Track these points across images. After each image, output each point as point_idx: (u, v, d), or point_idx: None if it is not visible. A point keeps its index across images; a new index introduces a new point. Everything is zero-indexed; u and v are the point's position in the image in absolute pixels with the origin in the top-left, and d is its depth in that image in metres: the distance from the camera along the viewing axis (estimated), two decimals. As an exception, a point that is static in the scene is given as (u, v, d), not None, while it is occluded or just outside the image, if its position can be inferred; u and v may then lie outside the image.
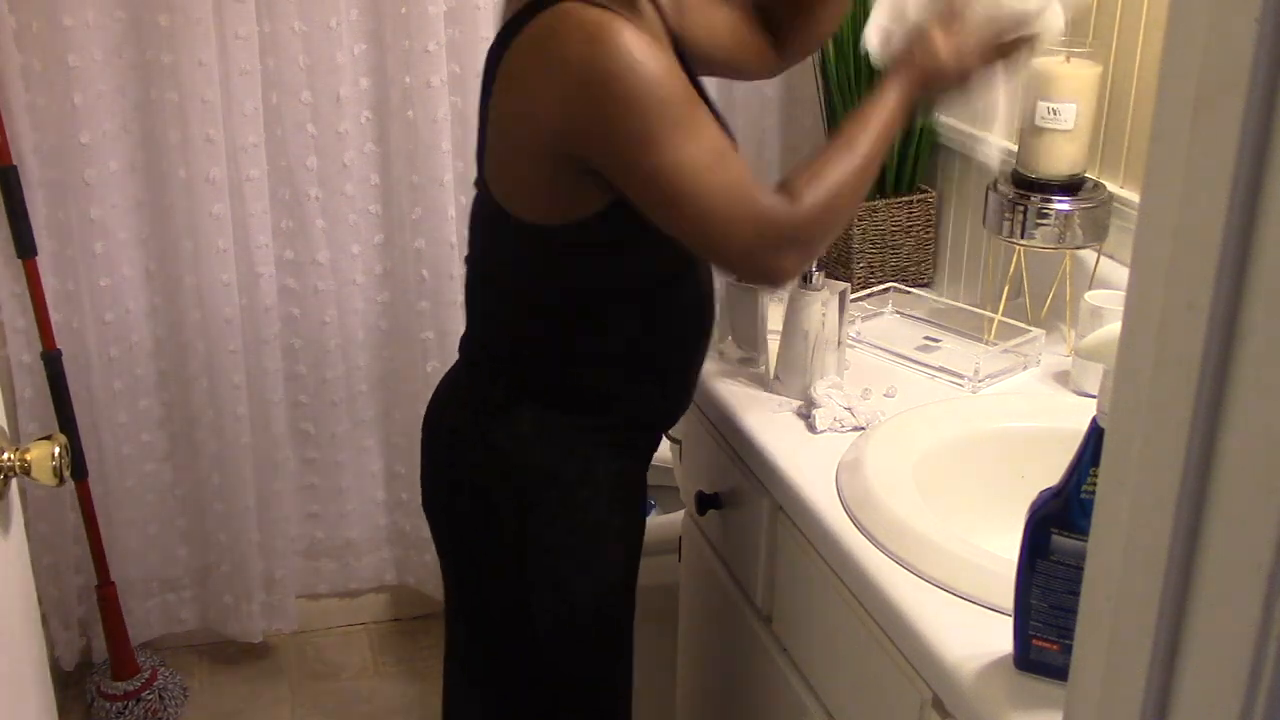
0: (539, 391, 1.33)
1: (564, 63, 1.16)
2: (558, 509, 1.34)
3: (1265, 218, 0.50)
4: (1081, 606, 0.65)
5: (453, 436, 1.38)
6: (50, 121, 2.05)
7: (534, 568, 1.35)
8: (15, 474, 1.16)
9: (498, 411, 1.34)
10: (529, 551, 1.34)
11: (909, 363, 1.60)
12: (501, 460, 1.34)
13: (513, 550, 1.35)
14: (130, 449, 2.28)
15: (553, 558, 1.35)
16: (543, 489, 1.34)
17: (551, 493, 1.34)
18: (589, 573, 1.38)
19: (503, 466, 1.34)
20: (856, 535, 1.22)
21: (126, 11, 2.04)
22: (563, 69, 1.16)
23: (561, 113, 1.17)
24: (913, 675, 1.11)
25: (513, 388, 1.34)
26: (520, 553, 1.35)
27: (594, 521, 1.36)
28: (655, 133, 1.16)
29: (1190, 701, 0.57)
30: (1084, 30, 1.68)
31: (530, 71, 1.19)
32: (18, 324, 2.13)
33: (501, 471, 1.34)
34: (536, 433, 1.33)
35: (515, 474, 1.33)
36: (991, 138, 1.50)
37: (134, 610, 2.36)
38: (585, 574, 1.37)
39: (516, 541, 1.34)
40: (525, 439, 1.33)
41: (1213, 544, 0.54)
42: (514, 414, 1.33)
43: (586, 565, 1.37)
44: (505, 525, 1.35)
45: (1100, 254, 1.62)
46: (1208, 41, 0.51)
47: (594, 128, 1.17)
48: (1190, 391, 0.53)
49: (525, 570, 1.35)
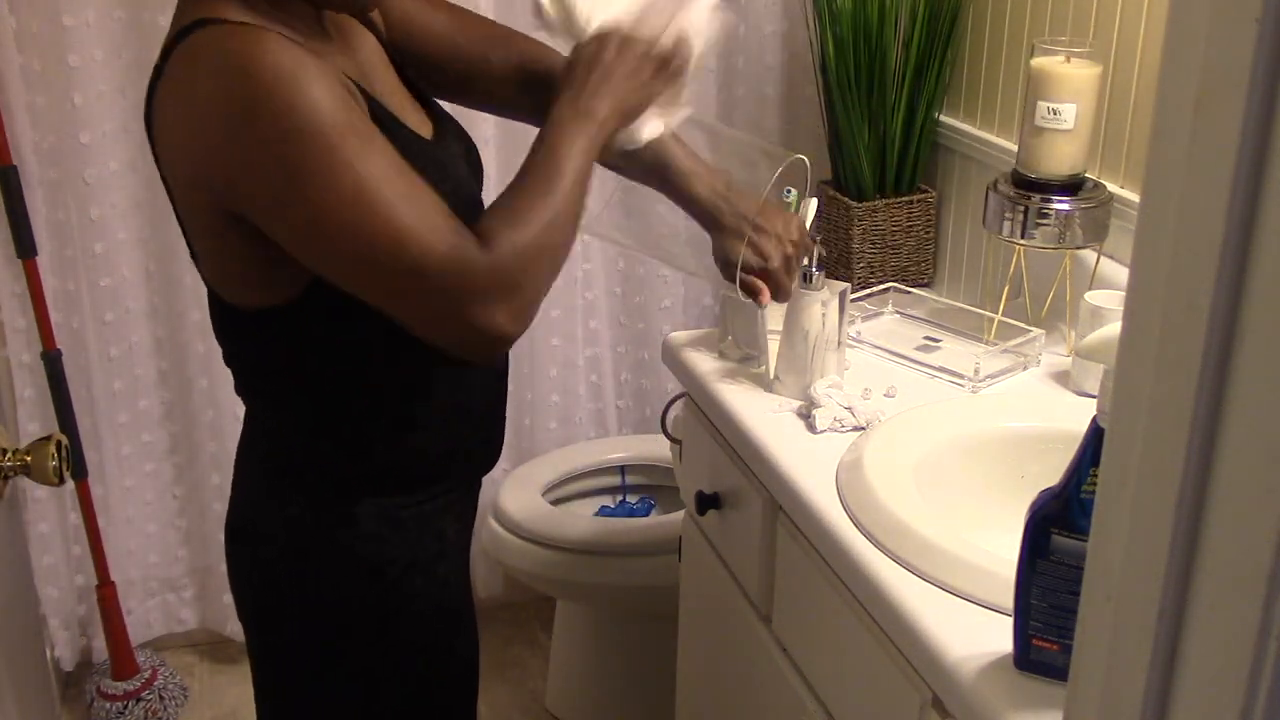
0: (372, 482, 1.19)
1: (196, 99, 0.98)
2: (425, 596, 1.23)
3: (1265, 218, 0.50)
4: (1081, 606, 0.65)
5: (290, 560, 1.20)
6: (50, 121, 2.05)
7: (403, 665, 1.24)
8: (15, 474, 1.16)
9: (339, 519, 1.18)
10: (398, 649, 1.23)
11: (909, 363, 1.60)
12: (356, 568, 1.19)
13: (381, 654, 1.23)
14: (130, 449, 2.28)
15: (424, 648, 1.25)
16: (408, 580, 1.21)
17: (416, 581, 1.22)
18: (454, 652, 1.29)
19: (359, 573, 1.19)
20: (856, 535, 1.22)
21: (126, 11, 2.04)
22: (198, 105, 0.98)
23: (205, 158, 0.99)
24: (913, 675, 1.11)
25: (347, 487, 1.18)
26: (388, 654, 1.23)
27: (458, 593, 1.28)
28: (306, 164, 0.96)
29: (1190, 701, 0.57)
30: (1084, 30, 1.69)
31: (173, 120, 1.02)
32: (18, 324, 2.13)
33: (358, 579, 1.20)
34: (385, 526, 1.19)
35: (375, 576, 1.20)
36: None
37: (134, 610, 2.36)
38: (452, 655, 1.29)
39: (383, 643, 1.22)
40: (376, 536, 1.19)
41: (1213, 544, 0.54)
42: (356, 514, 1.18)
43: (453, 647, 1.29)
44: (369, 631, 1.21)
45: (1100, 254, 1.62)
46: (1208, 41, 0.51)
47: (234, 166, 0.98)
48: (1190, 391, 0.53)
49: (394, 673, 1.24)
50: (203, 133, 0.98)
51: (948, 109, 2.05)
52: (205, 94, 0.97)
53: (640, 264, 2.38)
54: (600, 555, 2.09)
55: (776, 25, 2.27)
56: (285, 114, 0.95)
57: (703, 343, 1.66)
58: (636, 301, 2.42)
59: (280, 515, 1.20)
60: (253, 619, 1.27)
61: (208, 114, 0.97)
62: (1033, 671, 1.00)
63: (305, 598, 1.21)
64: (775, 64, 2.29)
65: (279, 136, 0.95)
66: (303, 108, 0.95)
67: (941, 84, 2.01)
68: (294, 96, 0.95)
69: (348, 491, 1.19)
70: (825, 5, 1.98)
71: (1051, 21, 1.76)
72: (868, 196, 2.03)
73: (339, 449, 1.18)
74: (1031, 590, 0.97)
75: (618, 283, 2.41)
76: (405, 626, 1.23)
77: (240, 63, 0.96)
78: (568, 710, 2.30)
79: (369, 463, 1.19)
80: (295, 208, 0.98)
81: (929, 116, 2.02)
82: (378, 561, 1.20)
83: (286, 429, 1.20)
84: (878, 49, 1.97)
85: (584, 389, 2.46)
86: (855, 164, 2.02)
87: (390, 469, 1.20)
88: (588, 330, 2.42)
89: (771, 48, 2.28)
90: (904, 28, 2.02)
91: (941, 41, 1.97)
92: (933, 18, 1.97)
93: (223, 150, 0.98)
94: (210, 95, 0.97)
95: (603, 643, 2.25)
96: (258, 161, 0.97)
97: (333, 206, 0.97)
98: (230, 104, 0.96)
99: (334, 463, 1.19)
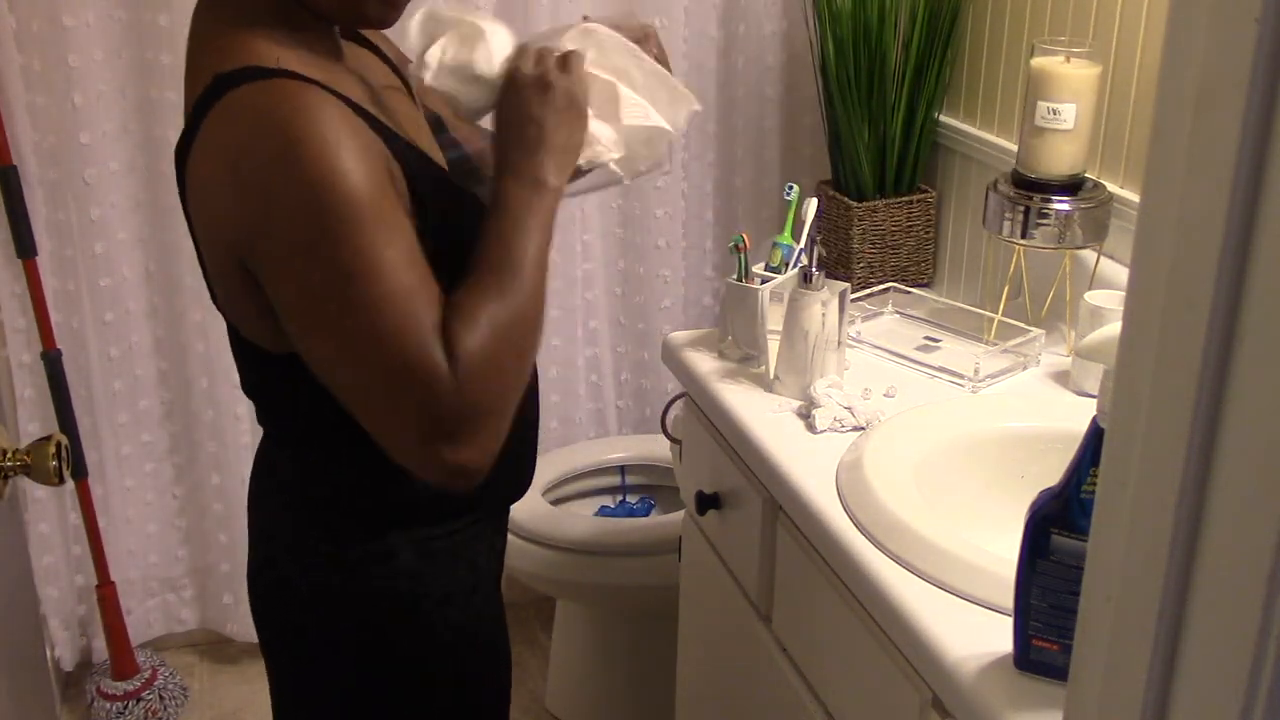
0: (402, 516, 1.16)
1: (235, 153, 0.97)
2: (459, 628, 1.21)
3: (1265, 218, 0.50)
4: (1081, 606, 0.65)
5: (321, 596, 1.17)
6: (50, 121, 2.05)
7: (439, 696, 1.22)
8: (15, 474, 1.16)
9: (371, 556, 1.16)
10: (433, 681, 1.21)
11: (909, 363, 1.60)
12: (390, 602, 1.17)
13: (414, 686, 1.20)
14: (130, 449, 2.28)
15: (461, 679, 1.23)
16: (442, 613, 1.19)
17: (451, 614, 1.19)
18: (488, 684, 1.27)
19: (393, 608, 1.17)
20: (856, 535, 1.22)
21: (126, 11, 2.04)
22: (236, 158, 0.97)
23: (234, 208, 0.98)
24: (913, 675, 1.11)
25: (374, 522, 1.15)
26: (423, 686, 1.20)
27: (492, 623, 1.26)
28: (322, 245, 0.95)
29: (1190, 701, 0.57)
30: (1084, 30, 1.68)
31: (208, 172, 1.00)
32: (18, 324, 2.13)
33: (393, 613, 1.17)
34: (417, 558, 1.17)
35: (409, 611, 1.17)
36: None
37: (134, 610, 2.36)
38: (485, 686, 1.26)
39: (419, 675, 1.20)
40: (408, 570, 1.16)
41: (1213, 544, 0.54)
42: (389, 549, 1.16)
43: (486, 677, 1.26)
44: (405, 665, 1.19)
45: (1100, 254, 1.62)
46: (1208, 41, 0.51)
47: (258, 221, 0.97)
48: (1190, 391, 0.53)
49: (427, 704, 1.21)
50: (235, 185, 0.97)
51: (948, 109, 2.05)
52: (244, 149, 0.96)
53: (640, 264, 2.38)
54: (600, 555, 2.09)
55: (776, 25, 2.27)
56: (320, 189, 0.94)
57: (703, 343, 1.66)
58: (636, 301, 2.42)
59: (308, 555, 1.17)
60: (282, 661, 1.24)
61: (245, 169, 0.96)
62: (1033, 671, 1.00)
63: (338, 637, 1.18)
64: (775, 64, 2.29)
65: (306, 211, 0.95)
66: (338, 188, 0.94)
67: (941, 84, 2.01)
68: (333, 176, 0.94)
69: (377, 525, 1.15)
70: (825, 5, 1.98)
71: (1051, 21, 1.76)
72: (868, 196, 2.03)
73: (366, 480, 1.14)
74: (1031, 590, 0.97)
75: (618, 283, 2.41)
76: (440, 660, 1.20)
77: (286, 129, 0.95)
78: (568, 710, 2.30)
79: (398, 494, 1.14)
80: (297, 282, 0.97)
81: (929, 116, 2.02)
82: (412, 596, 1.17)
83: (310, 462, 1.16)
84: (878, 49, 1.97)
85: (584, 389, 2.46)
86: (855, 164, 2.02)
87: (420, 500, 1.15)
88: (587, 330, 2.42)
89: (771, 48, 2.28)
90: (904, 28, 2.02)
91: (941, 41, 1.97)
92: (933, 18, 1.97)
93: (250, 206, 0.97)
94: (249, 152, 0.96)
95: (603, 643, 2.25)
96: (280, 226, 0.96)
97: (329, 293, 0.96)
98: (270, 166, 0.95)
99: (362, 495, 1.15)
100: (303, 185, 0.94)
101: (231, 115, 0.97)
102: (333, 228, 0.95)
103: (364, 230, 0.95)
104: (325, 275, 0.96)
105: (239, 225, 0.98)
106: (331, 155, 0.94)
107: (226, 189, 0.98)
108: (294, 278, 0.97)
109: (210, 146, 0.99)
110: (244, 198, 0.97)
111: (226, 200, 0.98)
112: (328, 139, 0.94)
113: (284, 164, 0.94)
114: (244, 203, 0.97)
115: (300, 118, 0.95)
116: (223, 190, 0.98)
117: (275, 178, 0.95)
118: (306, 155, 0.94)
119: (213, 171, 0.99)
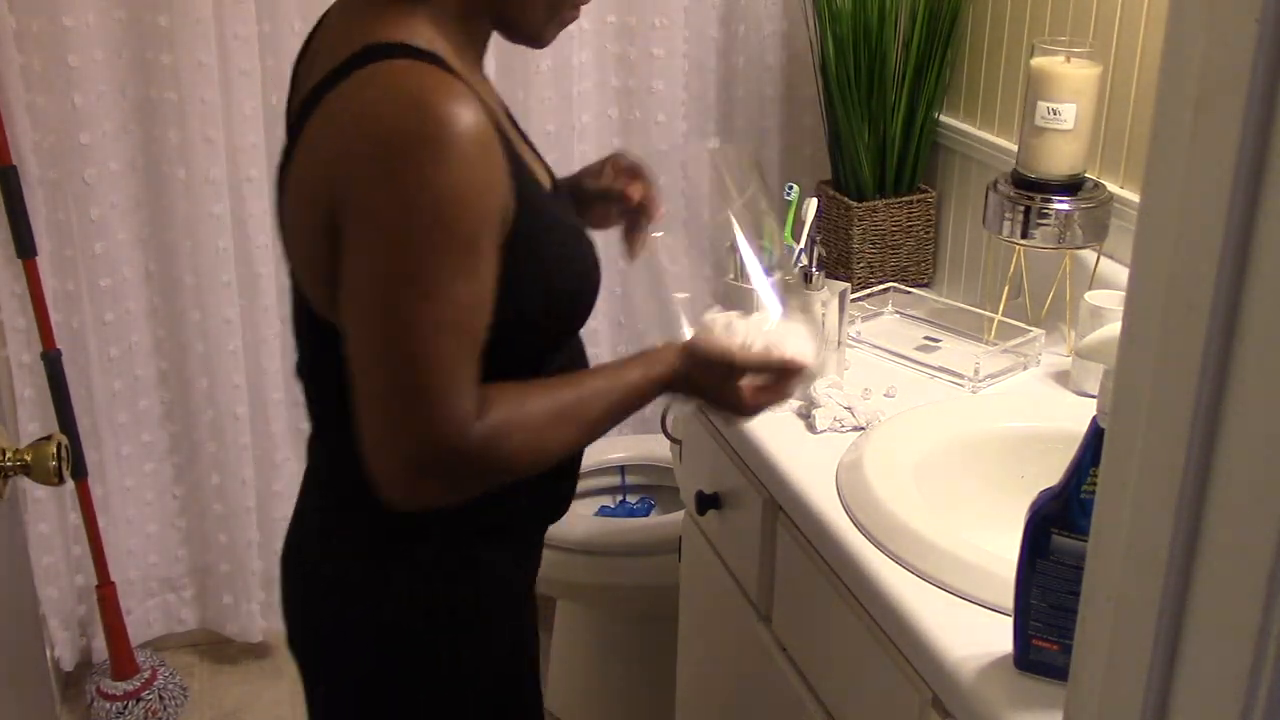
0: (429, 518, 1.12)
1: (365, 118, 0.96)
2: (478, 635, 1.19)
3: (1265, 218, 0.50)
4: (1081, 606, 0.65)
5: (340, 588, 1.17)
6: (50, 121, 2.05)
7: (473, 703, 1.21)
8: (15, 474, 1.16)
9: (392, 553, 1.15)
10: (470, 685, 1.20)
11: (909, 363, 1.60)
12: (410, 603, 1.15)
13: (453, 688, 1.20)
14: (130, 449, 2.28)
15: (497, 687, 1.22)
16: (465, 621, 1.18)
17: (475, 622, 1.18)
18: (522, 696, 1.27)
19: (413, 609, 1.16)
20: (856, 535, 1.22)
21: (126, 11, 2.04)
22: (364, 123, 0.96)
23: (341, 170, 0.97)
24: (913, 675, 1.11)
25: (402, 521, 1.11)
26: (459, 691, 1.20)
27: (512, 643, 1.24)
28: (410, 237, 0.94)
29: (1190, 701, 0.57)
30: (1084, 30, 1.68)
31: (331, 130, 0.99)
32: (18, 324, 2.13)
33: (412, 615, 1.16)
34: (448, 562, 1.16)
35: (429, 614, 1.16)
36: None
37: (134, 610, 2.36)
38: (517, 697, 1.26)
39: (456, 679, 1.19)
40: (436, 576, 1.15)
41: (1213, 544, 0.54)
42: (414, 548, 1.15)
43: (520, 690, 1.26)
44: (416, 665, 1.18)
45: (1100, 254, 1.62)
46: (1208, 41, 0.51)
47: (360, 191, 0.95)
48: (1190, 391, 0.53)
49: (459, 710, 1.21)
50: (357, 141, 0.95)
51: (948, 109, 2.05)
52: (378, 116, 0.95)
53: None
54: (600, 555, 2.09)
55: (776, 25, 2.27)
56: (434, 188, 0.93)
57: (703, 343, 1.65)
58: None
59: (334, 544, 1.17)
60: (300, 646, 1.25)
61: (372, 134, 0.95)
62: (1033, 671, 1.00)
63: (350, 632, 1.18)
64: (775, 64, 2.29)
65: (414, 200, 0.93)
66: (451, 197, 0.94)
67: (941, 84, 2.01)
68: (453, 184, 0.93)
69: (409, 530, 1.13)
70: (825, 5, 1.98)
71: (1051, 21, 1.76)
72: (868, 196, 2.03)
73: None
74: (1031, 590, 0.97)
75: (618, 283, 2.41)
76: (459, 673, 1.19)
77: (426, 114, 0.93)
78: (568, 710, 2.30)
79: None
80: (369, 264, 0.96)
81: (929, 116, 2.02)
82: (432, 605, 1.16)
83: (348, 454, 1.11)
84: (878, 49, 1.97)
85: (584, 389, 2.46)
86: (855, 164, 2.02)
87: (457, 512, 1.11)
88: (588, 330, 2.42)
89: (771, 48, 2.28)
90: (904, 28, 2.02)
91: (941, 41, 1.97)
92: (933, 18, 1.97)
93: (363, 168, 0.95)
94: (382, 120, 0.94)
95: (603, 643, 2.25)
96: (383, 201, 0.94)
97: (394, 288, 0.95)
98: (399, 142, 0.93)
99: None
100: (421, 175, 0.93)
101: (375, 82, 0.96)
102: (430, 231, 0.94)
103: (453, 251, 0.95)
104: (398, 271, 0.95)
105: (345, 181, 0.96)
106: (459, 162, 0.93)
107: (345, 143, 0.96)
108: (369, 258, 0.96)
109: (342, 105, 0.97)
110: (360, 159, 0.95)
111: (340, 153, 0.97)
112: (461, 143, 0.93)
113: (412, 147, 0.93)
114: (358, 162, 0.95)
115: (443, 110, 0.93)
116: (340, 145, 0.97)
117: (399, 155, 0.93)
118: (437, 151, 0.93)
119: (338, 129, 0.97)
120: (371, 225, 0.95)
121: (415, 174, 0.93)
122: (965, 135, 1.99)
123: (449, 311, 0.96)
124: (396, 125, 0.93)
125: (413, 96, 0.94)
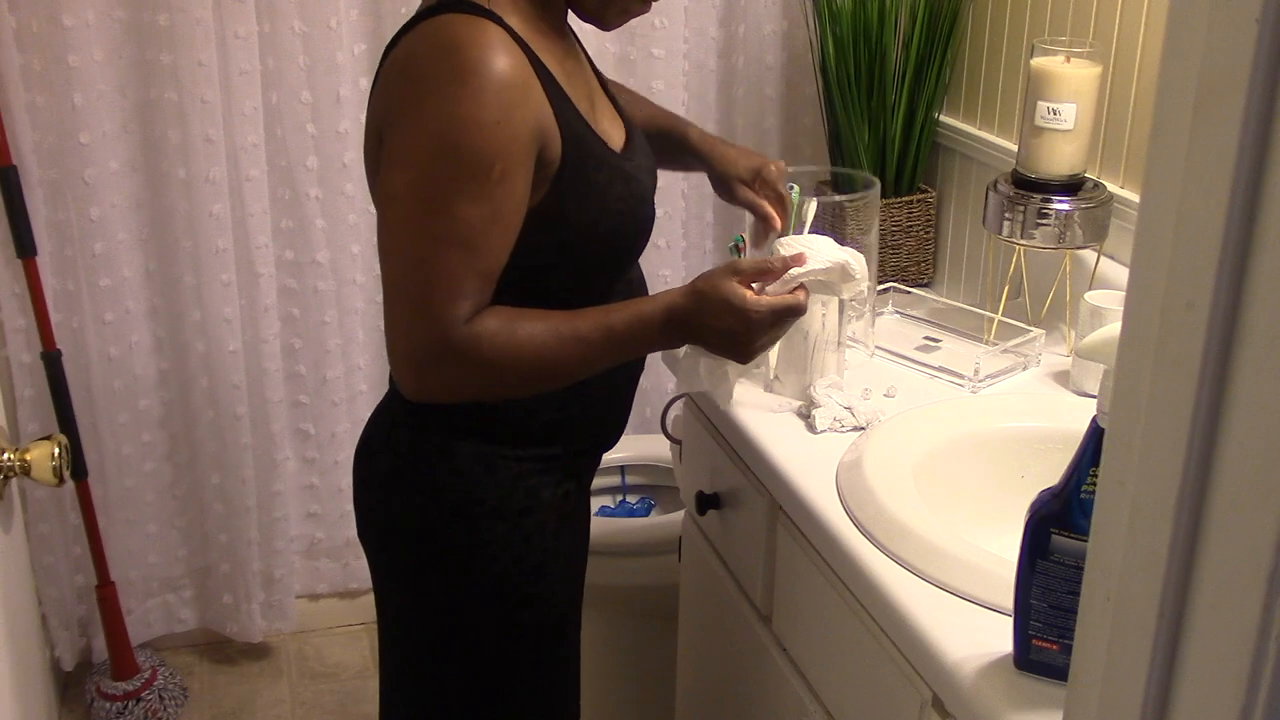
0: (478, 427, 1.27)
1: (410, 60, 1.12)
2: (504, 543, 1.29)
3: (1265, 218, 0.50)
4: (1081, 606, 0.65)
5: (391, 478, 1.31)
6: (50, 121, 2.05)
7: (479, 603, 1.31)
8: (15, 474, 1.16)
9: (438, 450, 1.27)
10: (474, 587, 1.30)
11: (909, 363, 1.60)
12: (445, 499, 1.28)
13: (458, 587, 1.30)
14: (130, 449, 2.28)
15: (499, 592, 1.30)
16: (490, 524, 1.28)
17: (498, 527, 1.28)
18: (533, 605, 1.33)
19: (447, 505, 1.28)
20: (856, 535, 1.22)
21: (126, 11, 2.04)
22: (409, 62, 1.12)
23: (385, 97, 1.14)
24: (913, 675, 1.11)
25: (451, 424, 1.27)
26: (465, 588, 1.30)
27: (541, 551, 1.31)
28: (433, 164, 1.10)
29: (1190, 701, 0.57)
30: (1084, 30, 1.69)
31: (388, 75, 1.16)
32: (18, 324, 2.13)
33: (446, 510, 1.28)
34: (480, 468, 1.27)
35: (460, 511, 1.28)
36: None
37: (134, 610, 2.36)
38: (529, 607, 1.33)
39: (462, 578, 1.30)
40: (469, 475, 1.27)
41: (1213, 544, 0.54)
42: (455, 450, 1.27)
43: (530, 599, 1.32)
44: (450, 563, 1.29)
45: (1100, 254, 1.62)
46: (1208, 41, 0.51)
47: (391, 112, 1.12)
48: (1190, 391, 0.53)
49: (468, 606, 1.31)
50: (399, 82, 1.12)
51: (948, 109, 2.05)
52: (418, 58, 1.11)
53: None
54: (600, 555, 2.08)
55: (776, 25, 2.27)
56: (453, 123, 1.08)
57: (703, 343, 1.65)
58: (636, 301, 2.42)
59: (390, 435, 1.31)
60: (361, 535, 1.37)
61: (412, 74, 1.11)
62: (1033, 671, 1.00)
63: (396, 519, 1.30)
64: (775, 64, 2.29)
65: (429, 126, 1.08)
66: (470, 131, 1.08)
67: (941, 84, 2.01)
68: (472, 120, 1.08)
69: (452, 428, 1.27)
70: (825, 5, 1.98)
71: (1051, 21, 1.76)
72: (868, 196, 2.03)
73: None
74: (1031, 590, 0.97)
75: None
76: (483, 569, 1.29)
77: (458, 58, 1.08)
78: (568, 710, 2.30)
79: (479, 407, 1.26)
80: (393, 179, 1.11)
81: (929, 116, 2.02)
82: (463, 500, 1.27)
83: None
84: (878, 49, 1.97)
85: (584, 389, 2.46)
86: (855, 164, 2.02)
87: (499, 419, 1.27)
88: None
89: (771, 48, 2.28)
90: (904, 28, 2.02)
91: (941, 42, 1.97)
92: (933, 18, 1.98)
93: (402, 102, 1.11)
94: (420, 60, 1.10)
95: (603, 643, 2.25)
96: (411, 129, 1.10)
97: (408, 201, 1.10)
98: (431, 81, 1.09)
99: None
100: (440, 106, 1.08)
101: (425, 33, 1.11)
102: (442, 155, 1.08)
103: (461, 175, 1.09)
104: (413, 187, 1.10)
105: (385, 112, 1.13)
106: (477, 98, 1.07)
107: (391, 81, 1.13)
108: (393, 175, 1.12)
109: (400, 54, 1.14)
110: (397, 93, 1.12)
111: (387, 89, 1.14)
112: (482, 81, 1.08)
113: (439, 83, 1.08)
114: (396, 95, 1.12)
115: (471, 53, 1.08)
116: (388, 83, 1.14)
117: (427, 89, 1.09)
118: (459, 88, 1.07)
119: (393, 71, 1.14)
120: (397, 147, 1.12)
121: (435, 105, 1.08)
122: (965, 135, 1.99)
123: (453, 227, 1.10)
124: (429, 65, 1.10)
125: (447, 42, 1.09)
